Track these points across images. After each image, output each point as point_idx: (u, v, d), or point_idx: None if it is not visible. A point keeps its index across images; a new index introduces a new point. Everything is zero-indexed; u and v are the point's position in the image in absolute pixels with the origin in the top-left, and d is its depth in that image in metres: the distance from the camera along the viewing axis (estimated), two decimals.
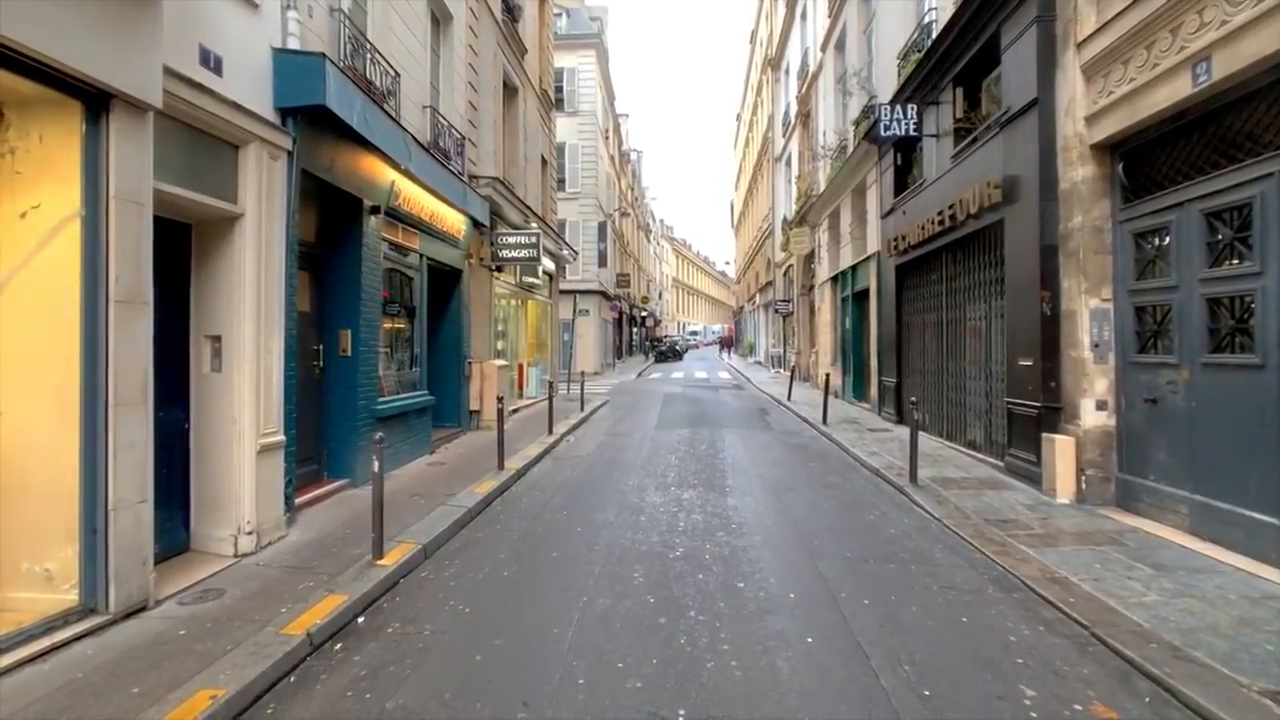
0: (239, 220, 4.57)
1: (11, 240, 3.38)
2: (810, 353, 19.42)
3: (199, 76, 4.10)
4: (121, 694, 2.75)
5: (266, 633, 3.29)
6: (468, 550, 4.87)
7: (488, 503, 6.11)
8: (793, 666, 3.12)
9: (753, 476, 7.29)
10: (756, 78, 31.11)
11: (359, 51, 6.59)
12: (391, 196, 6.99)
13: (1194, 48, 4.47)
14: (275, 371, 4.82)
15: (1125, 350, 5.53)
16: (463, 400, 9.85)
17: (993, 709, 2.78)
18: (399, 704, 2.83)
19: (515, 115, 12.97)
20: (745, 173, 37.53)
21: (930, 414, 9.44)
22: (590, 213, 26.43)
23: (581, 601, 3.89)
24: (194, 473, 4.56)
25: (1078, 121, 5.77)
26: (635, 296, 39.79)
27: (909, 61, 9.57)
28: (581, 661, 3.17)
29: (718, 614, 3.71)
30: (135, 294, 3.52)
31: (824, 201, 15.84)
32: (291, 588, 3.90)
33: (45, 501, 3.36)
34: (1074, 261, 5.83)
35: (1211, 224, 4.66)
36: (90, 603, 3.36)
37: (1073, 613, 3.59)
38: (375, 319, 6.88)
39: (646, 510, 5.87)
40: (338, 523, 5.24)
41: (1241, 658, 3.01)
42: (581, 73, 26.23)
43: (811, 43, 17.66)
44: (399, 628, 3.58)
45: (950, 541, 4.98)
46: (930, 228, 8.84)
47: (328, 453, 6.44)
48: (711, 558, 4.63)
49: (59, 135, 3.36)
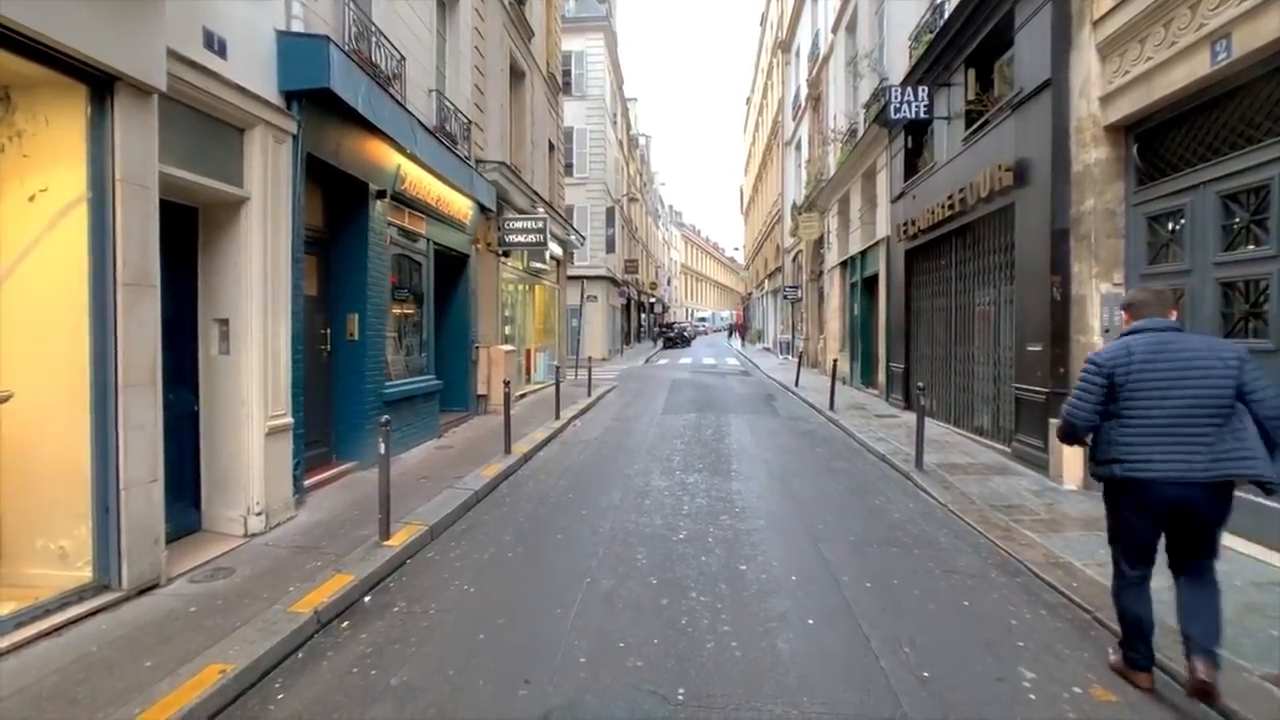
0: (245, 204, 4.59)
1: (21, 223, 3.41)
2: (818, 339, 19.33)
3: (203, 59, 4.10)
4: (134, 667, 2.81)
5: (275, 610, 3.35)
6: (473, 532, 4.92)
7: (494, 486, 6.16)
8: (793, 648, 3.14)
9: (758, 461, 7.30)
10: (766, 61, 30.70)
11: (363, 34, 6.55)
12: (398, 181, 6.99)
13: (1213, 25, 4.36)
14: (283, 355, 4.86)
15: None
16: (470, 385, 9.90)
17: (991, 690, 2.79)
18: (403, 680, 2.88)
19: (522, 99, 12.89)
20: (755, 158, 37.17)
21: (938, 400, 9.40)
22: (598, 198, 26.29)
23: (585, 582, 3.92)
24: (204, 454, 4.62)
25: (1092, 102, 5.66)
26: (643, 282, 39.68)
27: (921, 43, 9.41)
28: (583, 641, 3.21)
29: (719, 596, 3.74)
30: (143, 277, 3.55)
31: (834, 186, 15.68)
32: (300, 567, 3.96)
33: (58, 481, 3.42)
34: (1085, 245, 5.75)
35: (1228, 206, 4.57)
36: (103, 579, 3.43)
37: (1075, 597, 3.59)
38: (382, 304, 6.91)
39: (651, 494, 5.90)
40: (345, 504, 5.31)
41: (1245, 643, 3.00)
42: (590, 56, 25.97)
43: (822, 24, 17.38)
44: (405, 607, 3.64)
45: (955, 526, 4.97)
46: (940, 212, 8.74)
47: (336, 436, 6.51)
48: (715, 541, 4.66)
49: (65, 118, 3.38)
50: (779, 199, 26.67)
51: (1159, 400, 2.60)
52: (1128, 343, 2.72)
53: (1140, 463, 2.60)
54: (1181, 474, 2.54)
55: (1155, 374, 2.61)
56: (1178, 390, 2.58)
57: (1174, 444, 2.56)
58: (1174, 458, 2.56)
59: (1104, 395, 2.69)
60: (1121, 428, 2.66)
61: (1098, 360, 2.74)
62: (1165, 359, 2.61)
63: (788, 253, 24.96)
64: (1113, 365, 2.68)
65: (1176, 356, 2.60)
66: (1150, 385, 2.61)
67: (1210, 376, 2.55)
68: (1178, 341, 2.65)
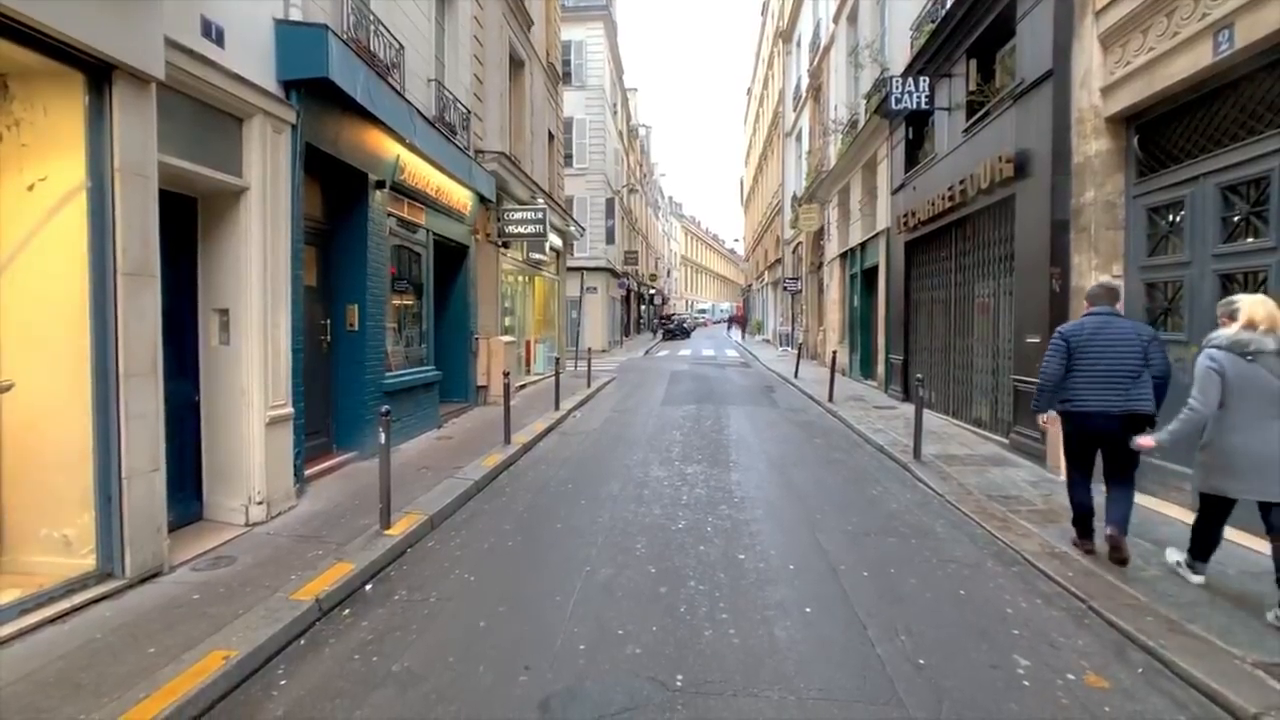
0: (244, 194, 4.59)
1: (20, 213, 3.41)
2: (818, 330, 19.33)
3: (200, 48, 4.08)
4: (138, 653, 2.84)
5: (277, 598, 3.38)
6: (474, 521, 4.95)
7: (494, 476, 6.19)
8: (790, 635, 3.18)
9: (757, 452, 7.33)
10: (767, 51, 30.50)
11: (362, 23, 6.51)
12: (397, 171, 6.97)
13: (1216, 15, 4.34)
14: (283, 345, 4.87)
15: None
16: (470, 376, 9.91)
17: (986, 677, 2.82)
18: (404, 666, 2.92)
19: (522, 89, 12.82)
20: (755, 148, 37.02)
21: (937, 391, 9.42)
22: (598, 189, 26.19)
23: (584, 571, 3.96)
24: (205, 444, 4.64)
25: (1093, 93, 5.64)
26: (643, 274, 39.61)
27: (922, 33, 9.36)
28: (582, 628, 3.24)
29: (717, 584, 3.77)
30: (142, 266, 3.55)
31: (834, 177, 15.63)
32: (301, 556, 3.99)
33: (61, 470, 3.44)
34: (1085, 237, 5.75)
35: (1227, 198, 4.57)
36: (107, 567, 3.46)
37: (1071, 586, 3.62)
38: (382, 294, 6.91)
39: (650, 484, 5.93)
40: (346, 494, 5.33)
41: (1237, 631, 3.03)
42: (590, 46, 25.79)
43: (824, 14, 17.27)
44: (405, 595, 3.67)
45: (952, 516, 5.01)
46: (940, 204, 8.73)
47: (336, 426, 6.54)
48: (713, 530, 4.69)
49: (63, 107, 3.37)
50: (779, 190, 26.58)
51: (1096, 360, 3.82)
52: (1084, 321, 3.99)
53: (1081, 400, 3.86)
54: (1105, 409, 3.78)
55: (1097, 343, 3.85)
56: (1109, 355, 3.80)
57: (1103, 389, 3.79)
58: (1103, 398, 3.79)
59: (1065, 356, 3.93)
60: (1071, 378, 3.90)
61: (1063, 331, 4.02)
62: (1105, 334, 3.85)
63: (788, 244, 24.91)
64: (1072, 335, 3.95)
65: (1112, 333, 3.84)
66: (1093, 350, 3.84)
67: (1130, 347, 3.78)
68: (1115, 323, 3.89)
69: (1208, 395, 3.23)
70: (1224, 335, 3.28)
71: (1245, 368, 3.16)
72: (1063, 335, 3.98)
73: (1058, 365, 3.93)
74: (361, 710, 2.61)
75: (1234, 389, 3.19)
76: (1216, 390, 3.21)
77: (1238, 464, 3.20)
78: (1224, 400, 3.22)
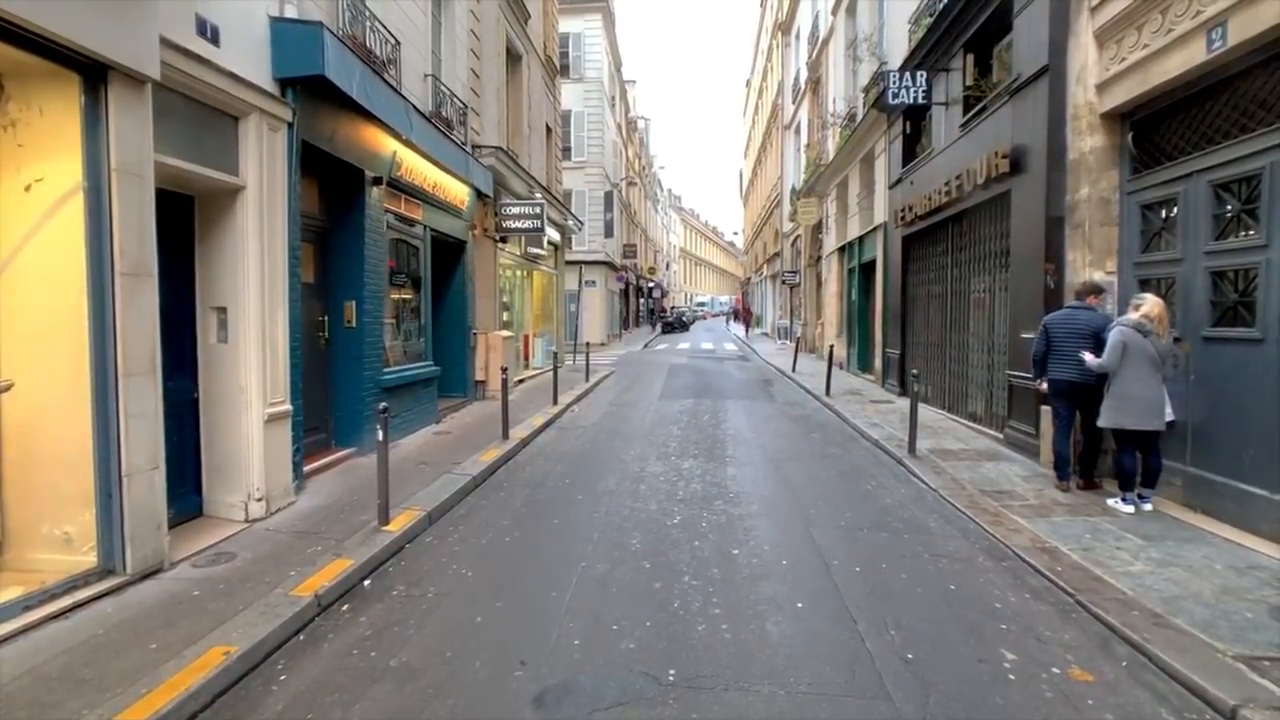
0: (241, 192, 4.60)
1: (18, 213, 3.43)
2: (816, 324, 19.36)
3: (196, 47, 4.08)
4: (140, 649, 2.89)
5: (276, 594, 3.43)
6: (471, 517, 5.00)
7: (492, 471, 6.24)
8: (782, 630, 3.23)
9: (753, 447, 7.38)
10: (767, 43, 30.34)
11: (358, 19, 6.50)
12: (393, 167, 6.98)
13: (1209, 12, 4.35)
14: (281, 342, 4.90)
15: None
16: (468, 371, 9.95)
17: (973, 671, 2.87)
18: (402, 661, 2.97)
19: (519, 83, 12.78)
20: (754, 141, 36.89)
21: (933, 386, 9.46)
22: (596, 182, 26.13)
23: (580, 566, 4.01)
24: (204, 441, 4.68)
25: (1089, 89, 5.65)
26: (642, 267, 39.57)
27: (920, 26, 9.33)
28: (578, 623, 3.29)
29: (711, 580, 3.82)
30: (140, 266, 3.58)
31: (832, 171, 15.61)
32: (300, 552, 4.04)
33: (62, 468, 3.48)
34: (1080, 233, 5.77)
35: (1219, 195, 4.59)
36: (108, 564, 3.51)
37: (1059, 581, 3.67)
38: (380, 290, 6.93)
39: (647, 479, 5.98)
40: (345, 490, 5.38)
41: (1220, 625, 3.08)
42: (588, 38, 25.66)
43: (823, 6, 17.18)
44: (403, 590, 3.72)
45: (944, 511, 5.06)
46: (937, 198, 8.73)
47: (335, 422, 6.57)
48: (708, 526, 4.74)
49: (59, 108, 3.39)
50: (778, 183, 26.53)
51: (1063, 343, 5.15)
52: (1060, 312, 5.35)
53: (1053, 370, 5.27)
54: (1067, 377, 5.14)
55: (1063, 330, 5.18)
56: (1071, 339, 5.10)
57: (1064, 364, 5.16)
58: (1068, 369, 5.11)
59: (1046, 338, 5.28)
60: (1050, 354, 5.27)
61: (1045, 320, 5.38)
62: (1069, 324, 5.17)
63: (786, 237, 24.89)
64: (1049, 323, 5.31)
65: (1073, 323, 5.15)
66: (1060, 335, 5.19)
67: (1083, 334, 5.06)
68: (1081, 314, 5.17)
69: (1114, 355, 4.65)
70: (1130, 318, 4.67)
71: (1140, 340, 4.58)
72: (1044, 324, 5.36)
73: (1041, 346, 5.32)
74: (360, 705, 2.66)
75: (1131, 354, 4.59)
76: (1119, 354, 4.63)
77: (1131, 405, 4.62)
78: (1124, 361, 4.60)
